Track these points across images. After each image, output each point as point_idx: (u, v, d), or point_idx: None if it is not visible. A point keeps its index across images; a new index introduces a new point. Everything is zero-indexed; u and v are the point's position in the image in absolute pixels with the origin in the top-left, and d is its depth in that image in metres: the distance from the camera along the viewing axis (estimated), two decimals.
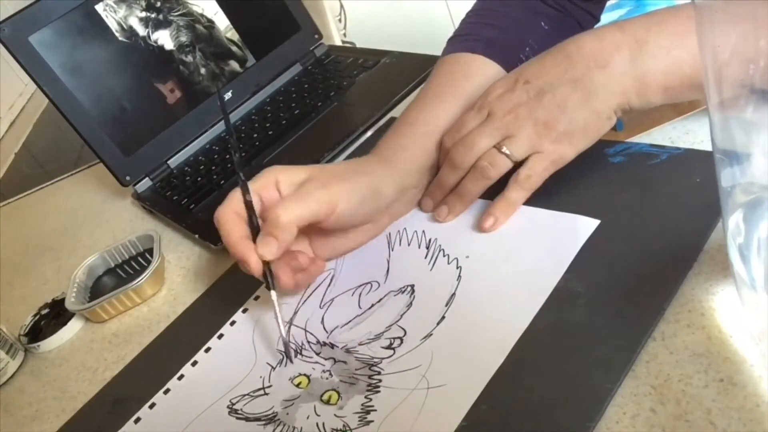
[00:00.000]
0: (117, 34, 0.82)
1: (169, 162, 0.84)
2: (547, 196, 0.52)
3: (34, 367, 0.65)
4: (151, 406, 0.52)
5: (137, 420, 0.51)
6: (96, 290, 0.70)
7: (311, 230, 0.55)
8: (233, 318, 0.56)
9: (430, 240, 0.55)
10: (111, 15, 0.81)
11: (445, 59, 0.63)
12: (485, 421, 0.40)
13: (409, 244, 0.55)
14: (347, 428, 0.43)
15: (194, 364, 0.54)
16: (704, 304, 0.41)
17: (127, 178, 0.82)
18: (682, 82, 0.48)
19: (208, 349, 0.55)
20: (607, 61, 0.49)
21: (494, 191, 0.54)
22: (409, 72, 0.82)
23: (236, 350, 0.53)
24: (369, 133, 0.76)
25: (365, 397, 0.45)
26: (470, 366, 0.43)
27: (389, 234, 0.57)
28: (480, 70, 0.61)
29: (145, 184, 0.83)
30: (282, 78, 0.91)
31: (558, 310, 0.44)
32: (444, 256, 0.53)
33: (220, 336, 0.55)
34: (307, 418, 0.45)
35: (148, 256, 0.70)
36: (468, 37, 0.64)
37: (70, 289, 0.67)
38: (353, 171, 0.55)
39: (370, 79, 0.85)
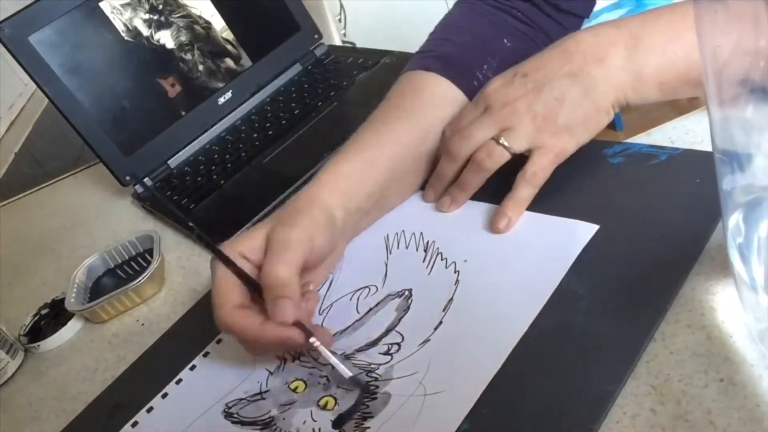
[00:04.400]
0: (123, 35, 0.82)
1: (169, 162, 0.84)
2: (547, 198, 0.52)
3: (34, 367, 0.65)
4: (149, 410, 0.52)
5: (134, 424, 0.51)
6: (96, 290, 0.70)
7: None
8: None
9: (428, 243, 0.54)
10: (118, 16, 0.82)
11: (402, 78, 0.62)
12: (487, 424, 0.40)
13: (407, 247, 0.55)
14: None
15: (192, 368, 0.54)
16: (704, 304, 0.41)
17: (127, 178, 0.82)
18: (677, 78, 0.49)
19: (206, 354, 0.54)
20: (603, 55, 0.49)
21: (494, 193, 0.54)
22: None
23: (234, 355, 0.53)
24: None
25: (362, 403, 0.45)
26: (467, 372, 0.43)
27: (387, 236, 0.57)
28: (430, 89, 0.59)
29: (145, 183, 0.83)
30: (282, 78, 0.91)
31: (559, 313, 0.44)
32: (442, 259, 0.52)
33: (219, 341, 0.55)
34: (304, 423, 0.45)
35: (148, 256, 0.70)
36: (427, 53, 0.63)
37: (69, 289, 0.67)
38: (306, 203, 0.52)
39: (370, 79, 0.85)
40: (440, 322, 0.47)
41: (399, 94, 0.60)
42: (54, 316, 0.69)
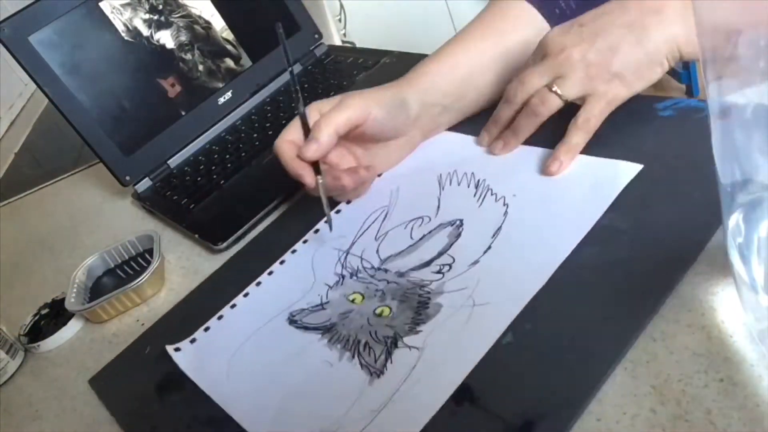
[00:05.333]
0: (123, 35, 0.82)
1: (169, 162, 0.84)
2: (594, 143, 0.55)
3: (34, 367, 0.65)
4: (220, 317, 0.57)
5: (207, 329, 0.57)
6: (96, 290, 0.70)
7: (356, 143, 0.63)
8: (294, 247, 0.61)
9: (479, 181, 0.58)
10: (117, 16, 0.82)
11: (490, 3, 0.67)
12: (529, 338, 0.43)
13: (459, 184, 0.59)
14: (398, 335, 0.48)
15: (258, 284, 0.59)
16: (704, 304, 0.41)
17: (127, 178, 0.82)
18: None
19: (270, 273, 0.60)
20: (659, 7, 0.52)
21: (544, 138, 0.57)
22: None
23: (296, 273, 0.58)
24: None
25: (415, 311, 0.49)
26: (512, 289, 0.47)
27: (440, 175, 0.61)
28: (515, 13, 0.65)
29: (145, 184, 0.83)
30: (282, 78, 0.91)
31: (599, 246, 0.47)
32: (492, 194, 0.56)
33: (282, 262, 0.60)
34: (361, 327, 0.50)
35: (148, 256, 0.70)
36: None
37: (69, 289, 0.67)
38: (382, 87, 0.62)
39: (370, 79, 0.85)
40: (489, 247, 0.51)
41: (486, 17, 0.67)
42: (54, 316, 0.69)
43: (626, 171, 0.52)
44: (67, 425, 0.56)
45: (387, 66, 0.86)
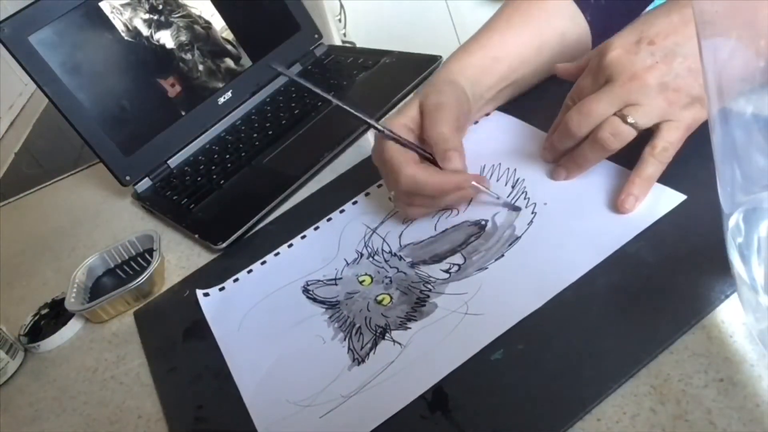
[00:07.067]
0: (123, 35, 0.82)
1: (169, 162, 0.84)
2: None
3: (34, 367, 0.65)
4: (249, 271, 0.61)
5: (236, 280, 0.61)
6: (96, 290, 0.70)
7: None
8: (330, 216, 0.63)
9: (517, 180, 0.57)
10: (117, 16, 0.82)
11: None
12: (519, 357, 0.43)
13: (497, 180, 0.58)
14: (388, 327, 0.49)
15: (290, 246, 0.62)
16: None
17: (127, 178, 0.82)
18: None
19: (303, 237, 0.63)
20: None
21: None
22: (409, 72, 0.82)
23: (324, 242, 0.61)
24: (369, 133, 0.76)
25: (411, 307, 0.50)
26: (508, 305, 0.46)
27: (483, 166, 0.60)
28: (555, 3, 0.62)
29: (145, 184, 0.83)
30: (282, 78, 0.91)
31: (619, 273, 0.45)
32: (525, 198, 0.55)
33: (316, 228, 0.63)
34: (360, 311, 0.52)
35: (148, 256, 0.70)
36: None
37: (69, 289, 0.67)
38: (446, 80, 0.59)
39: (370, 79, 0.85)
40: (501, 255, 0.51)
41: (524, 5, 0.63)
42: (54, 316, 0.69)
43: (668, 199, 0.48)
44: (67, 425, 0.56)
45: (387, 66, 0.86)
